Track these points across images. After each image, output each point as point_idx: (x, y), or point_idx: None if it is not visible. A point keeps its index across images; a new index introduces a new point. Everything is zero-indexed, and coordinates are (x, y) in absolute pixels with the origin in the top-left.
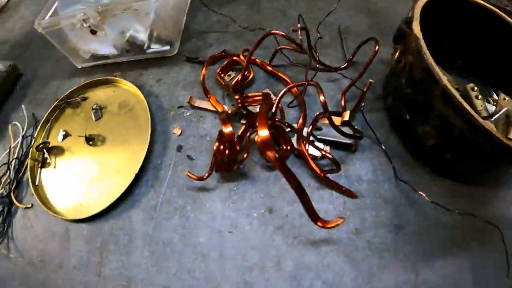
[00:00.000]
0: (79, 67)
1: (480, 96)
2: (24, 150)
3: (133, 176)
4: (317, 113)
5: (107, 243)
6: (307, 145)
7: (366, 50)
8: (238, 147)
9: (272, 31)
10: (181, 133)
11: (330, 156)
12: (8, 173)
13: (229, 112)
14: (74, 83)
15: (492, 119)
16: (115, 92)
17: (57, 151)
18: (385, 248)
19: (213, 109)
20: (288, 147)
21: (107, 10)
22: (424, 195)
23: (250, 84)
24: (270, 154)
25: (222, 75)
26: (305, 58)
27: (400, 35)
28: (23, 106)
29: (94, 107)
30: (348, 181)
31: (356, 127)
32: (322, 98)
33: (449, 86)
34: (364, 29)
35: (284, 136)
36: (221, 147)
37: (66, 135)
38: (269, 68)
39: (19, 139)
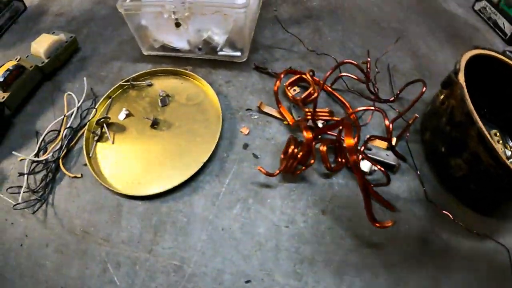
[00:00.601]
0: (145, 53)
1: (500, 141)
2: (80, 121)
3: (200, 165)
4: (369, 136)
5: (164, 223)
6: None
7: (409, 87)
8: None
9: (345, 60)
10: (248, 133)
11: (384, 171)
12: (58, 140)
13: (299, 122)
14: (138, 68)
15: (509, 161)
16: (183, 84)
17: (117, 128)
18: (413, 256)
19: (280, 117)
20: (343, 160)
21: (196, 8)
22: (449, 214)
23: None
24: (353, 158)
25: (289, 89)
26: (359, 87)
27: (448, 82)
28: (84, 78)
29: (162, 94)
30: (387, 196)
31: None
32: (387, 122)
33: (484, 129)
34: (408, 69)
35: (342, 151)
36: (295, 150)
37: (128, 115)
38: (330, 89)
39: (74, 109)
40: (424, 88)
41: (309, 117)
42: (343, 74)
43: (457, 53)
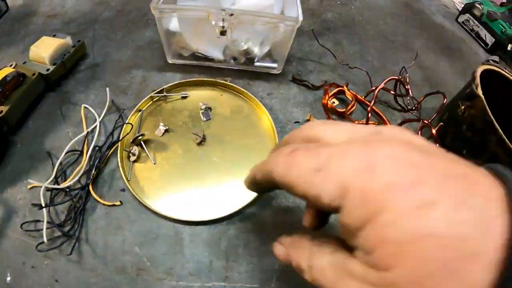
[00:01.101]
0: (170, 62)
1: None
2: (105, 139)
3: None
4: None
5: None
6: None
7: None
8: None
9: (392, 77)
10: None
11: None
12: (83, 163)
13: None
14: (166, 78)
15: None
16: (223, 96)
17: (156, 145)
18: None
19: None
20: None
21: (247, 17)
22: None
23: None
24: None
25: (330, 101)
26: (385, 99)
27: (471, 96)
28: (107, 89)
29: (203, 107)
30: None
31: None
32: (434, 131)
33: (503, 135)
34: (419, 80)
35: None
36: None
37: (167, 130)
38: (366, 102)
39: (96, 125)
40: (445, 100)
41: None
42: (380, 87)
43: (453, 64)
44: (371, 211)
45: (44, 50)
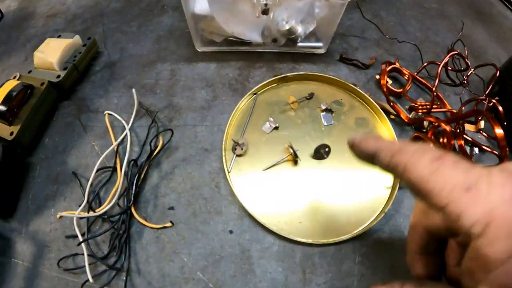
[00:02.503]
0: (199, 50)
1: None
2: (140, 150)
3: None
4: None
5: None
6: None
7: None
8: None
9: (454, 52)
10: None
11: (491, 151)
12: (119, 182)
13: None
14: (197, 69)
15: None
16: (344, 101)
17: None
18: None
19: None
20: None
21: None
22: None
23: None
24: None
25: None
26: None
27: None
28: (133, 90)
29: (325, 107)
30: None
31: None
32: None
33: None
34: (461, 50)
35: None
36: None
37: (277, 128)
38: (422, 80)
39: (127, 133)
40: (497, 72)
41: (423, 110)
42: (443, 64)
43: (488, 31)
44: None
45: (51, 54)
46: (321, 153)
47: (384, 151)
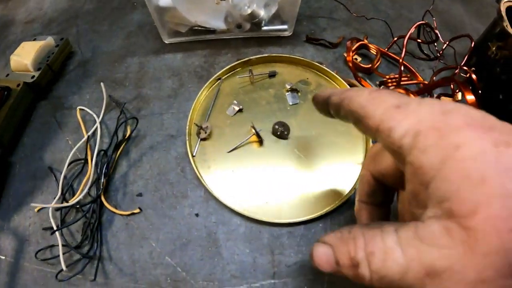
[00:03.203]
0: (167, 42)
1: None
2: (110, 141)
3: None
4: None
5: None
6: None
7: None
8: None
9: (421, 22)
10: None
11: None
12: (89, 173)
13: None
14: (165, 60)
15: None
16: (310, 80)
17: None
18: None
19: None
20: None
21: None
22: None
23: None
24: None
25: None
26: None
27: (502, 35)
28: (102, 84)
29: (290, 87)
30: None
31: None
32: (474, 76)
33: None
34: (437, 25)
35: None
36: None
37: (241, 110)
38: (392, 55)
39: (98, 126)
40: (473, 43)
41: (393, 84)
42: (409, 34)
43: (467, 6)
44: (448, 147)
45: (26, 56)
46: (279, 130)
47: (336, 93)
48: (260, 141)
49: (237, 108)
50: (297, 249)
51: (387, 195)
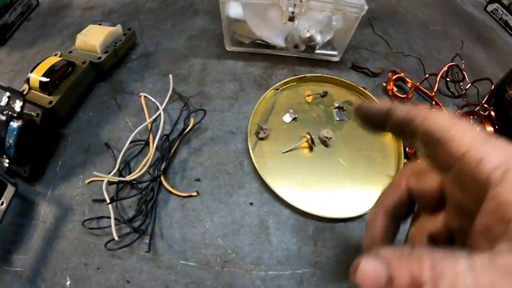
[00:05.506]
0: (228, 49)
1: None
2: (171, 128)
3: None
4: None
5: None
6: None
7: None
8: None
9: (450, 64)
10: None
11: None
12: (150, 154)
13: None
14: (226, 65)
15: None
16: (353, 101)
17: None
18: None
19: None
20: None
21: (316, 4)
22: None
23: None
24: None
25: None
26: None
27: None
28: (170, 76)
29: (338, 105)
30: None
31: None
32: (492, 113)
33: None
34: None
35: None
36: None
37: (296, 119)
38: (423, 89)
39: (161, 113)
40: (493, 86)
41: None
42: (441, 73)
43: (488, 53)
44: None
45: (94, 38)
46: (324, 138)
47: (402, 109)
48: (311, 147)
49: (292, 116)
50: (336, 243)
51: (409, 212)
